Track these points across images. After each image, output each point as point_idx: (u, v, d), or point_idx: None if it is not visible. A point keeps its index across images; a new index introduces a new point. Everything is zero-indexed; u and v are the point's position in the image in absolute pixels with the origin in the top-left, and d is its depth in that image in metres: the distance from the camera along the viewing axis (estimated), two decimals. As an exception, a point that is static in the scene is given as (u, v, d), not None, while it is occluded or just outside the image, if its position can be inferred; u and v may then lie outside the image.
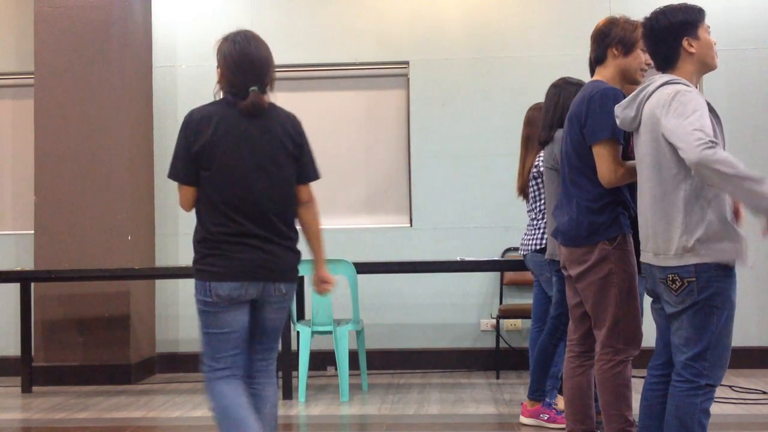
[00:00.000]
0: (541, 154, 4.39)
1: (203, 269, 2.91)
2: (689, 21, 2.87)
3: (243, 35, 3.08)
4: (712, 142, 2.59)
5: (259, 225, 2.91)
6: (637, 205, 2.99)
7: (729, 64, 6.13)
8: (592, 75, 3.40)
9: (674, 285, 2.81)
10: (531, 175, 4.45)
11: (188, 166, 2.91)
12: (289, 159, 2.98)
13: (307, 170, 3.07)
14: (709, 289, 2.77)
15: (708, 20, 2.96)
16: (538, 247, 4.36)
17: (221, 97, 2.99)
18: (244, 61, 3.01)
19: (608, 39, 3.29)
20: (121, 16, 6.03)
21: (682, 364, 2.82)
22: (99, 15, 6.02)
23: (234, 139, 2.89)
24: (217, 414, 2.98)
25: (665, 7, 2.91)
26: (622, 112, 2.98)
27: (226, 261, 2.89)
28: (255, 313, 3.01)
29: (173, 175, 2.94)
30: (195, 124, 2.91)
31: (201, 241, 2.94)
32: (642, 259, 2.97)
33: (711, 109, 2.79)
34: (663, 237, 2.83)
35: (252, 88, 2.93)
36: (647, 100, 2.87)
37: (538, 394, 4.31)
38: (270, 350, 3.12)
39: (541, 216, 4.41)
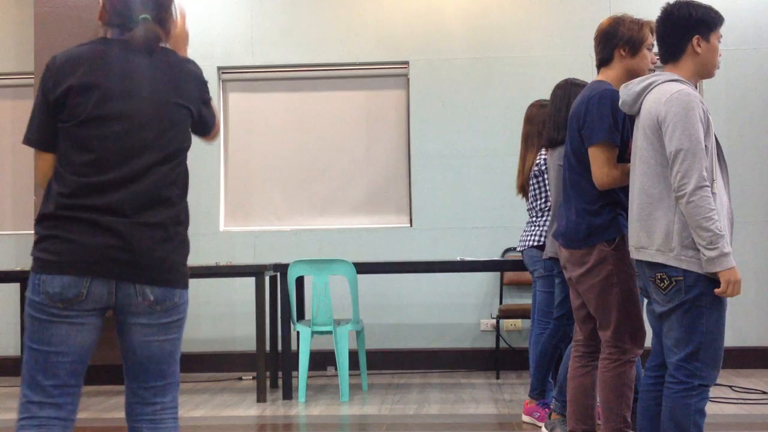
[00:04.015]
0: (543, 153, 4.40)
1: (36, 257, 2.17)
2: (707, 21, 2.87)
3: None
4: (705, 186, 2.69)
5: (123, 202, 2.16)
6: (628, 198, 2.99)
7: (729, 64, 6.12)
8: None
9: (662, 284, 2.81)
10: (532, 174, 4.45)
11: (45, 126, 2.21)
12: (187, 118, 2.30)
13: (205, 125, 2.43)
14: (696, 288, 2.76)
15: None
16: (535, 243, 4.37)
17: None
18: None
19: (615, 39, 3.27)
20: (121, 16, 6.03)
21: (674, 366, 2.82)
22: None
23: (115, 81, 2.20)
24: None
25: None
26: (625, 93, 2.97)
27: (65, 246, 2.13)
28: (118, 331, 2.25)
29: (27, 139, 2.26)
30: (58, 67, 2.21)
31: (40, 219, 2.19)
32: (632, 255, 2.97)
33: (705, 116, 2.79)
34: (651, 233, 2.83)
35: (143, 16, 2.23)
36: (649, 92, 2.87)
37: (537, 393, 4.32)
38: (155, 391, 2.26)
39: (540, 215, 4.42)
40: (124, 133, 2.18)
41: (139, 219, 2.17)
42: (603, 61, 3.33)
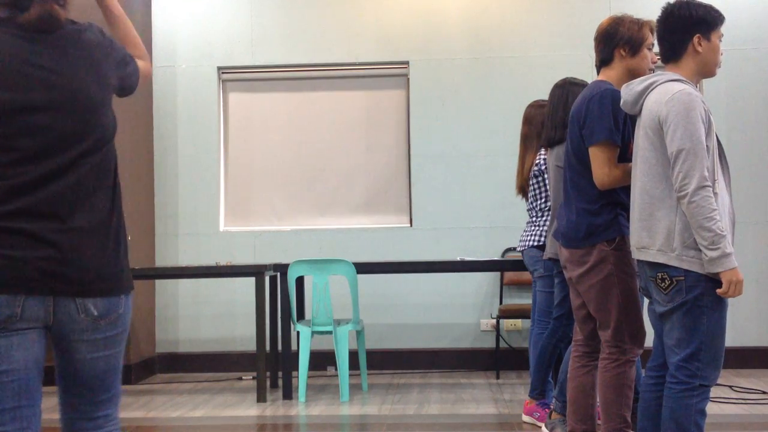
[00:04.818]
0: (542, 153, 4.40)
1: None
2: (707, 20, 2.87)
3: None
4: (707, 186, 2.68)
5: (52, 201, 1.95)
6: (629, 197, 2.99)
7: (729, 64, 6.12)
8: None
9: (663, 284, 2.81)
10: (531, 174, 4.46)
11: None
12: (108, 95, 2.10)
13: (130, 77, 2.24)
14: (697, 288, 2.75)
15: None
16: (535, 243, 4.38)
17: None
18: None
19: (615, 39, 3.26)
20: (121, 16, 6.02)
21: (675, 366, 2.82)
22: (99, 15, 6.00)
23: (20, 70, 1.95)
24: None
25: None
26: (627, 93, 2.97)
27: None
28: (57, 348, 2.04)
29: None
30: None
31: None
32: (633, 255, 2.97)
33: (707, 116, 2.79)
34: (653, 233, 2.83)
35: None
36: (650, 92, 2.87)
37: (537, 393, 4.32)
38: (101, 405, 2.11)
39: (540, 215, 4.42)
40: (42, 127, 1.94)
41: (75, 223, 1.95)
42: (603, 61, 3.33)
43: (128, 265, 2.11)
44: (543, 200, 4.41)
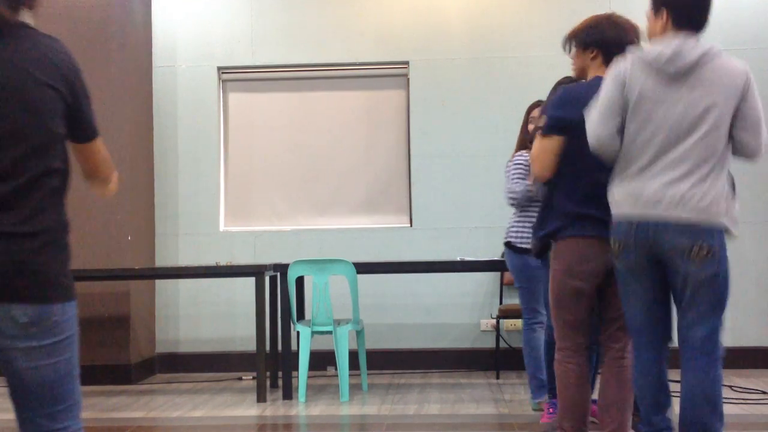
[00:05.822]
0: (524, 152, 4.44)
1: None
2: None
3: None
4: None
5: None
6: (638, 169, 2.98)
7: (729, 64, 6.13)
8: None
9: (702, 252, 2.72)
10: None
11: None
12: (51, 104, 1.95)
13: (84, 124, 2.07)
14: (724, 256, 2.77)
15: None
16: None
17: None
18: None
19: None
20: (121, 16, 6.03)
21: (701, 340, 2.74)
22: (99, 15, 6.01)
23: None
24: None
25: None
26: (675, 52, 2.84)
27: None
28: None
29: None
30: None
31: None
32: (671, 214, 2.81)
33: None
34: (716, 197, 2.76)
35: None
36: (714, 57, 2.82)
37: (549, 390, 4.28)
38: (56, 416, 1.94)
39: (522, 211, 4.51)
40: None
41: (7, 227, 1.84)
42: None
43: (69, 273, 1.97)
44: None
